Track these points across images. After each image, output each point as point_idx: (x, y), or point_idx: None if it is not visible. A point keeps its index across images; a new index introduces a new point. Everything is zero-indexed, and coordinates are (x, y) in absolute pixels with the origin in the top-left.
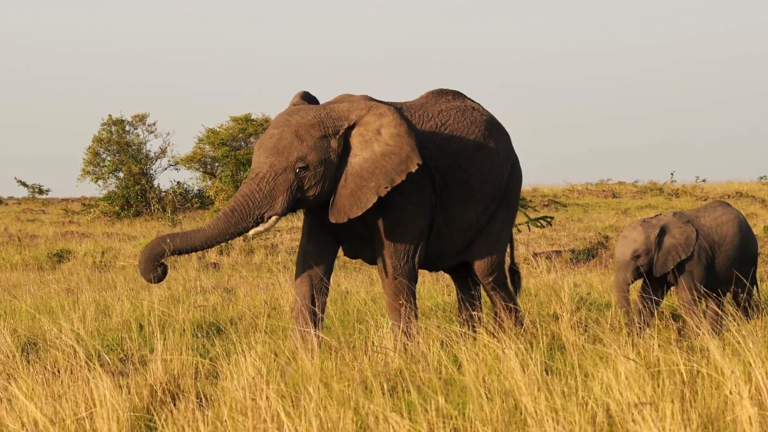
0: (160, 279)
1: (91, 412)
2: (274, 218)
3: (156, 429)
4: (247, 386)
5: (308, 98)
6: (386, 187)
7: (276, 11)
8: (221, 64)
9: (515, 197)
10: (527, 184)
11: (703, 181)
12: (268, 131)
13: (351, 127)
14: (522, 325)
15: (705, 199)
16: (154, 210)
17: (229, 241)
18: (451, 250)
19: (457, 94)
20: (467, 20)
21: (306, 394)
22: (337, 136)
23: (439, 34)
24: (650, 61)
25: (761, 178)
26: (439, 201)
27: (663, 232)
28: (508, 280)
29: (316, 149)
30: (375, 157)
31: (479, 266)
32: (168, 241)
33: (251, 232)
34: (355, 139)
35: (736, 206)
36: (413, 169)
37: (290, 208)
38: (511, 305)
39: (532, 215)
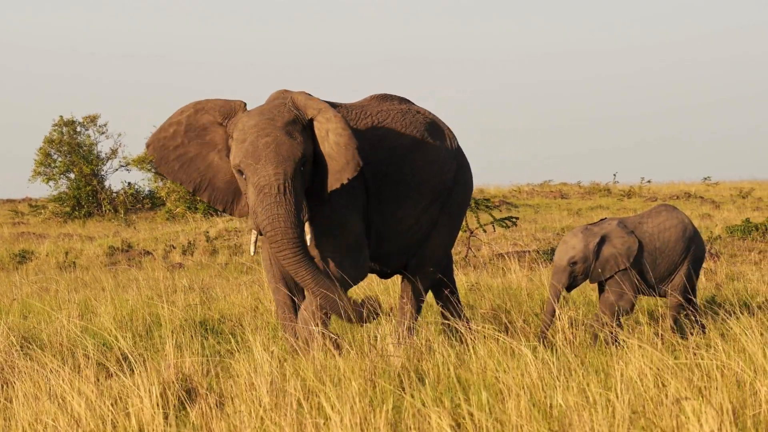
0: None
1: (139, 409)
2: (307, 222)
3: (191, 424)
4: (268, 383)
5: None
6: (338, 182)
7: (276, 11)
8: (221, 64)
9: (461, 199)
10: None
11: (648, 182)
12: (257, 140)
13: (311, 120)
14: (416, 320)
15: (654, 200)
16: (106, 211)
17: (192, 241)
18: (393, 251)
19: (403, 100)
20: (467, 20)
21: (343, 389)
22: (308, 126)
23: (439, 34)
24: (617, 64)
25: (705, 179)
26: (375, 200)
27: (603, 241)
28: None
29: (306, 141)
30: (326, 154)
31: (418, 262)
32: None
33: (308, 242)
34: (315, 131)
35: (686, 207)
36: (344, 182)
37: None
38: (418, 305)
39: (497, 215)
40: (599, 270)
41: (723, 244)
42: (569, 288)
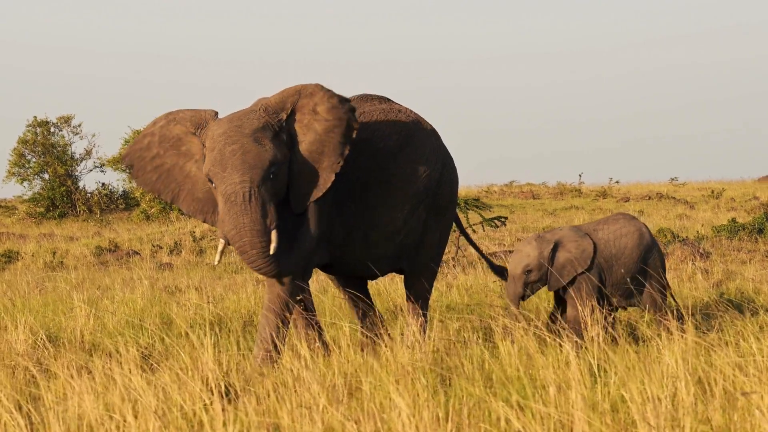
0: None
1: (207, 404)
2: (275, 231)
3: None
4: (319, 376)
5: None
6: (339, 162)
7: (274, 11)
8: (204, 63)
9: (447, 199)
10: None
11: (617, 182)
12: (224, 148)
13: (290, 116)
14: (426, 318)
15: (627, 200)
16: (80, 211)
17: (178, 241)
18: (383, 256)
19: (383, 99)
20: (467, 20)
21: (414, 383)
22: (282, 130)
23: (439, 33)
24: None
25: (672, 179)
26: (361, 205)
27: (557, 247)
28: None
29: (276, 148)
30: (320, 137)
31: (413, 264)
32: None
33: (272, 252)
34: (297, 126)
35: (660, 207)
36: (354, 135)
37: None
38: (422, 318)
39: (486, 215)
40: (557, 276)
41: (710, 243)
42: (524, 296)
